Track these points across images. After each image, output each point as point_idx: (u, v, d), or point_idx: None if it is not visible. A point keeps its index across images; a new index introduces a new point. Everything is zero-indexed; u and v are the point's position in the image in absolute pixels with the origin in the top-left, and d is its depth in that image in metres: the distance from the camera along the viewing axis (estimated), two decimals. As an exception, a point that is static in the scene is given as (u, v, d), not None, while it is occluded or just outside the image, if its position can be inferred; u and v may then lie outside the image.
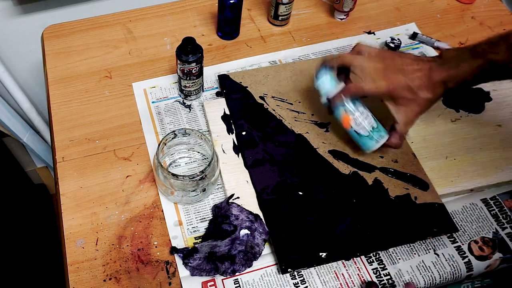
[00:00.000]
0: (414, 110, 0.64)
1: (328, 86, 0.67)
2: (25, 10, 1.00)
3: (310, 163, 0.71)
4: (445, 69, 0.61)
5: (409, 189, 0.69)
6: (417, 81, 0.61)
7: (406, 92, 0.62)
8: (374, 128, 0.67)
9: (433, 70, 0.61)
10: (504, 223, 0.68)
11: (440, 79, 0.61)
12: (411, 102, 0.63)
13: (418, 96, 0.62)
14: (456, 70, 0.60)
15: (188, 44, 0.71)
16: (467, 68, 0.60)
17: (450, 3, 0.97)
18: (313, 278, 0.63)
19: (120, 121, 0.77)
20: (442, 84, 0.61)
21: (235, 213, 0.65)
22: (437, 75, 0.61)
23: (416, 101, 0.63)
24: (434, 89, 0.62)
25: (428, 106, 0.64)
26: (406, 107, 0.63)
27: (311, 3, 0.96)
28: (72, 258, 0.64)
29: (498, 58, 0.58)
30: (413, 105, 0.63)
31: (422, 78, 0.61)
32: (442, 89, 0.62)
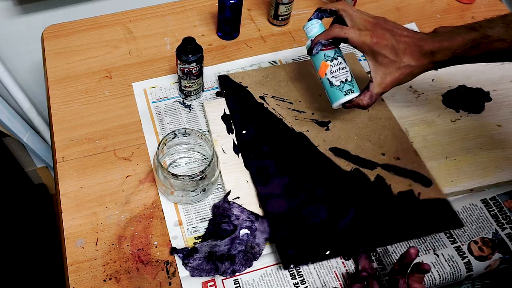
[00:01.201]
0: (393, 74, 0.62)
1: (316, 30, 0.67)
2: (25, 10, 1.00)
3: (311, 160, 0.72)
4: (436, 40, 0.60)
5: (412, 185, 0.69)
6: (403, 44, 0.60)
7: (389, 52, 0.61)
8: (347, 81, 0.66)
9: (424, 40, 0.60)
10: (503, 224, 0.68)
11: (429, 48, 0.60)
12: (392, 64, 0.61)
13: (400, 59, 0.61)
14: (448, 42, 0.59)
15: (188, 44, 0.71)
16: (460, 40, 0.59)
17: (450, 3, 0.97)
18: (313, 278, 0.63)
19: (120, 121, 0.77)
20: (429, 55, 0.60)
21: (236, 213, 0.65)
22: (427, 45, 0.60)
23: (397, 64, 0.61)
24: (420, 57, 0.60)
25: (408, 75, 0.62)
26: (385, 68, 0.62)
27: (311, 3, 0.96)
28: (72, 258, 0.64)
29: (493, 33, 0.57)
30: (393, 68, 0.61)
31: (409, 43, 0.60)
32: (428, 60, 0.61)
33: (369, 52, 0.62)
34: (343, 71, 0.66)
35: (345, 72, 0.66)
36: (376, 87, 0.63)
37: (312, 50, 0.66)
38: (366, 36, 0.61)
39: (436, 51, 0.60)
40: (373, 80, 0.63)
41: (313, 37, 0.66)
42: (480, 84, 0.82)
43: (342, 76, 0.66)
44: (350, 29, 0.62)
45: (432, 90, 0.81)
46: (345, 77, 0.66)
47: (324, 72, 0.66)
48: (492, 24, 0.58)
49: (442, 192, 0.69)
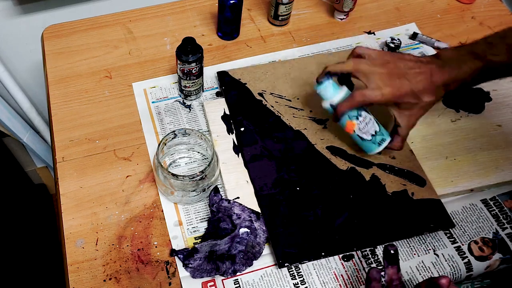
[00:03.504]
0: (417, 113, 0.64)
1: (331, 92, 0.67)
2: (25, 10, 1.00)
3: (308, 159, 0.72)
4: (446, 72, 0.61)
5: (406, 185, 0.69)
6: (421, 85, 0.62)
7: (410, 97, 0.62)
8: (377, 132, 0.67)
9: (434, 73, 0.62)
10: (504, 224, 0.68)
11: (441, 82, 0.62)
12: (414, 106, 0.63)
13: (421, 100, 0.62)
14: (456, 72, 0.61)
15: (188, 44, 0.71)
16: (467, 69, 0.61)
17: (450, 3, 0.97)
18: (313, 279, 0.63)
19: (120, 121, 0.77)
20: (444, 87, 0.62)
21: (237, 212, 0.65)
22: (439, 78, 0.62)
23: (419, 104, 0.63)
24: (436, 92, 0.62)
25: (429, 108, 0.64)
26: (409, 111, 0.64)
27: (311, 3, 0.96)
28: (72, 258, 0.64)
29: (498, 60, 0.59)
30: (416, 109, 0.64)
31: (424, 82, 0.62)
32: (443, 91, 0.63)
33: (392, 104, 0.64)
34: (370, 124, 0.67)
35: (372, 124, 0.67)
36: (404, 130, 0.66)
37: (339, 119, 0.67)
38: (388, 95, 0.62)
39: (448, 83, 0.62)
40: (400, 124, 0.66)
41: (331, 99, 0.67)
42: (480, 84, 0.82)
43: (371, 129, 0.67)
44: (371, 92, 0.63)
45: (432, 90, 0.81)
46: (374, 129, 0.67)
47: (352, 130, 0.68)
48: (495, 50, 0.60)
49: (435, 192, 0.69)
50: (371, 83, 0.63)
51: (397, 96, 0.62)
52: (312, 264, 0.64)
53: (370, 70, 0.63)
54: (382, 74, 0.63)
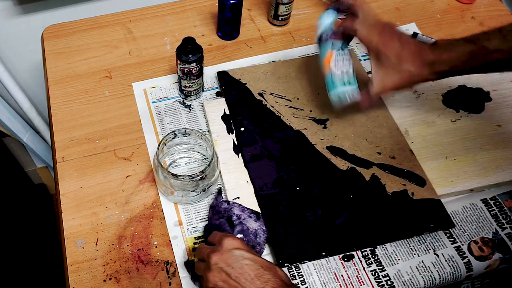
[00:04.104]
0: (393, 77, 0.64)
1: (326, 26, 0.68)
2: (25, 10, 1.00)
3: (308, 159, 0.72)
4: (436, 52, 0.62)
5: (406, 185, 0.69)
6: (407, 51, 0.62)
7: (393, 54, 0.62)
8: (350, 82, 0.67)
9: (425, 50, 0.62)
10: (504, 224, 0.68)
11: (429, 59, 0.62)
12: (393, 67, 0.63)
13: (401, 64, 0.62)
14: (447, 53, 0.61)
15: (188, 44, 0.71)
16: (459, 52, 0.61)
17: (450, 3, 0.97)
18: (313, 279, 0.63)
19: (120, 121, 0.77)
20: (430, 65, 0.62)
21: (237, 212, 0.65)
22: (428, 55, 0.62)
23: (398, 68, 0.63)
24: (420, 66, 0.62)
25: (407, 81, 0.64)
26: (385, 69, 0.64)
27: (311, 3, 0.96)
28: (72, 258, 0.64)
29: (489, 45, 0.59)
30: (393, 71, 0.63)
31: (413, 51, 0.62)
32: (429, 70, 0.62)
33: (374, 50, 0.64)
34: (346, 62, 0.67)
35: (348, 64, 0.67)
36: (375, 87, 0.65)
37: (321, 36, 0.68)
38: (374, 34, 0.63)
39: (436, 62, 0.61)
40: (372, 80, 0.65)
41: (324, 31, 0.68)
42: (480, 84, 0.82)
43: (344, 68, 0.67)
44: (361, 23, 0.64)
45: (432, 90, 0.81)
46: (347, 68, 0.67)
47: (328, 60, 0.68)
48: (489, 36, 0.59)
49: (435, 192, 0.69)
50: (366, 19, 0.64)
51: (381, 44, 0.63)
52: (312, 264, 0.64)
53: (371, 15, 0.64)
54: (379, 23, 0.64)
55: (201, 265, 0.56)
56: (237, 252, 0.53)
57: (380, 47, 0.63)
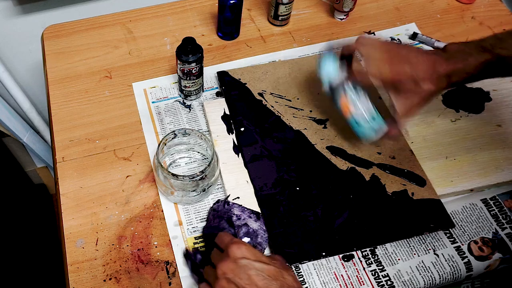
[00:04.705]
0: (415, 101, 0.63)
1: (331, 74, 0.66)
2: (25, 10, 1.00)
3: (308, 159, 0.72)
4: (451, 63, 0.60)
5: (406, 185, 0.69)
6: (421, 72, 0.60)
7: (410, 82, 0.61)
8: (374, 118, 0.66)
9: (438, 63, 0.61)
10: (504, 224, 0.68)
11: (445, 72, 0.60)
12: (413, 93, 0.62)
13: (420, 88, 0.61)
14: (462, 64, 0.60)
15: (188, 44, 0.71)
16: (474, 62, 0.59)
17: (450, 3, 0.97)
18: (313, 279, 0.63)
19: (120, 121, 0.77)
20: (446, 78, 0.61)
21: (236, 213, 0.65)
22: (442, 68, 0.60)
23: (418, 92, 0.62)
24: (438, 82, 0.61)
25: (429, 99, 0.63)
26: (407, 98, 0.63)
27: (311, 3, 0.96)
28: (72, 258, 0.64)
29: (506, 54, 0.58)
30: (415, 97, 0.62)
31: (426, 69, 0.61)
32: (446, 82, 0.61)
33: (389, 83, 0.63)
34: (363, 99, 0.66)
35: (366, 101, 0.66)
36: (402, 117, 0.64)
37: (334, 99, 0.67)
38: (387, 74, 0.61)
39: (452, 73, 0.60)
40: (397, 110, 0.64)
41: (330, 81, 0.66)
42: (480, 84, 0.82)
43: (368, 114, 0.66)
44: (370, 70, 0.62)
45: (432, 90, 0.81)
46: (371, 114, 0.66)
47: (349, 113, 0.67)
48: (504, 44, 0.59)
49: (435, 192, 0.69)
50: (371, 64, 0.62)
51: (396, 78, 0.61)
52: (312, 264, 0.64)
53: (372, 53, 0.63)
54: (383, 58, 0.62)
55: (210, 272, 0.56)
56: (244, 262, 0.53)
57: (395, 82, 0.62)
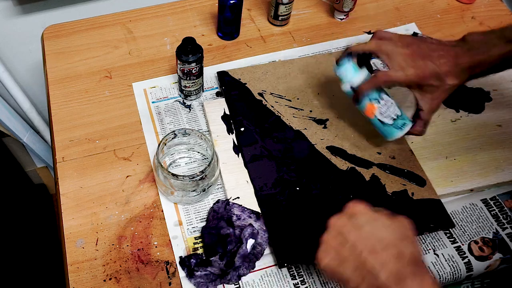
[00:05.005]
0: (439, 96, 0.63)
1: (351, 74, 0.65)
2: (25, 10, 1.00)
3: (308, 159, 0.72)
4: (473, 55, 0.60)
5: (406, 185, 0.69)
6: (444, 67, 0.60)
7: (434, 79, 0.61)
8: (399, 116, 0.66)
9: (460, 56, 0.60)
10: (504, 223, 0.68)
11: (467, 65, 0.60)
12: (437, 89, 0.62)
13: (445, 83, 0.61)
14: (485, 55, 0.59)
15: (188, 44, 0.71)
16: (497, 53, 0.59)
17: (450, 3, 0.97)
18: (313, 279, 0.63)
19: (120, 121, 0.77)
20: (469, 70, 0.60)
21: (236, 213, 0.65)
22: (465, 61, 0.60)
23: (442, 87, 0.61)
24: (461, 75, 0.61)
25: (452, 91, 0.63)
26: (431, 94, 0.62)
27: (311, 3, 0.96)
28: (72, 258, 0.64)
29: None
30: (439, 92, 0.62)
31: (449, 64, 0.60)
32: (468, 74, 0.61)
33: (415, 85, 0.63)
34: (392, 108, 0.66)
35: (394, 108, 0.66)
36: (427, 114, 0.64)
37: (359, 100, 0.66)
38: (412, 75, 0.61)
39: (475, 65, 0.60)
40: (422, 108, 0.64)
41: (351, 81, 0.65)
42: (480, 84, 0.82)
43: (392, 113, 0.66)
44: (395, 72, 0.62)
45: (432, 90, 0.81)
46: (395, 113, 0.66)
47: (373, 114, 0.66)
48: None
49: (435, 192, 0.69)
50: (394, 63, 0.61)
51: (421, 77, 0.61)
52: (312, 264, 0.64)
53: (393, 50, 0.62)
54: (405, 54, 0.61)
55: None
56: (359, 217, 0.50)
57: (420, 81, 0.61)
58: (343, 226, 0.50)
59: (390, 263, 0.45)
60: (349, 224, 0.49)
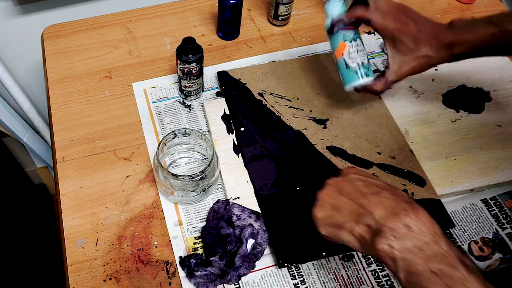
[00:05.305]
0: (410, 62, 0.62)
1: (336, 10, 0.65)
2: (25, 10, 1.00)
3: (308, 159, 0.72)
4: (455, 33, 0.60)
5: (406, 185, 0.69)
6: (424, 34, 0.60)
7: (410, 39, 0.60)
8: (364, 65, 0.66)
9: (442, 31, 0.60)
10: (504, 223, 0.68)
11: (448, 41, 0.60)
12: (410, 52, 0.61)
13: (419, 49, 0.60)
14: (468, 35, 0.59)
15: (188, 44, 0.71)
16: (480, 34, 0.59)
17: (450, 3, 0.97)
18: (313, 279, 0.63)
19: (120, 121, 0.77)
20: (448, 47, 0.60)
21: (236, 213, 0.65)
22: (446, 37, 0.60)
23: (416, 53, 0.61)
24: (438, 49, 0.60)
25: (424, 65, 0.62)
26: (403, 56, 0.62)
27: (311, 3, 0.96)
28: (72, 258, 0.64)
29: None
30: (411, 57, 0.61)
31: (430, 34, 0.60)
32: (447, 53, 0.61)
33: (390, 38, 0.62)
34: (361, 53, 0.65)
35: (363, 55, 0.66)
36: (392, 74, 0.63)
37: (333, 28, 0.65)
38: (389, 21, 0.61)
39: (455, 43, 0.60)
40: (389, 67, 0.63)
41: (334, 15, 0.65)
42: (480, 84, 0.82)
43: (359, 58, 0.65)
44: (374, 11, 0.61)
45: (432, 90, 0.81)
46: (362, 59, 0.65)
47: (341, 53, 0.65)
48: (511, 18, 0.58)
49: (435, 192, 0.69)
50: (378, 7, 0.61)
51: (397, 28, 0.60)
52: (312, 264, 0.64)
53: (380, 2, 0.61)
54: (391, 6, 0.61)
55: None
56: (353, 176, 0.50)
57: (396, 34, 0.61)
58: (338, 183, 0.51)
59: (385, 201, 0.46)
60: (344, 180, 0.51)
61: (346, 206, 0.48)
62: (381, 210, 0.45)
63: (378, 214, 0.45)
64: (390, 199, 0.46)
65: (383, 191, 0.47)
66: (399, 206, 0.45)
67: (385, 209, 0.45)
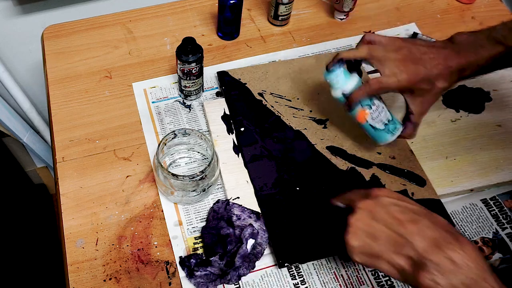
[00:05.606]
0: (429, 100, 0.63)
1: (342, 80, 0.64)
2: (25, 10, 1.00)
3: (308, 159, 0.72)
4: (462, 56, 0.60)
5: (406, 185, 0.69)
6: (435, 70, 0.60)
7: (424, 83, 0.61)
8: (390, 121, 0.66)
9: (449, 58, 0.60)
10: (504, 224, 0.68)
11: (457, 67, 0.60)
12: (428, 92, 0.62)
13: (435, 86, 0.61)
14: (474, 57, 0.59)
15: (188, 44, 0.71)
16: (486, 55, 0.59)
17: (450, 3, 0.97)
18: (313, 279, 0.63)
19: (120, 121, 0.77)
20: (458, 72, 0.61)
21: (236, 213, 0.65)
22: (454, 63, 0.60)
23: (433, 90, 0.62)
24: (451, 77, 0.61)
25: (440, 94, 0.63)
26: (422, 98, 0.62)
27: (311, 3, 0.96)
28: (72, 258, 0.64)
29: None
30: (429, 95, 0.62)
31: (439, 67, 0.60)
32: (457, 76, 0.61)
33: (407, 90, 0.63)
34: (383, 113, 0.66)
35: (385, 113, 0.66)
36: (417, 117, 0.65)
37: (351, 108, 0.65)
38: (404, 81, 0.61)
39: (465, 68, 0.60)
40: (412, 111, 0.64)
41: (342, 88, 0.64)
42: (480, 84, 0.82)
43: (384, 118, 0.66)
44: (387, 78, 0.61)
45: (432, 90, 0.81)
46: (386, 118, 0.66)
47: (363, 119, 0.66)
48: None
49: (435, 192, 0.69)
50: (386, 69, 0.61)
51: (413, 82, 0.61)
52: (312, 264, 0.64)
53: (385, 56, 0.61)
54: (397, 60, 0.61)
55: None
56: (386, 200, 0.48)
57: (412, 86, 0.61)
58: (370, 207, 0.49)
59: (425, 231, 0.44)
60: (377, 204, 0.48)
61: (382, 235, 0.46)
62: (422, 241, 0.43)
63: (420, 246, 0.43)
64: (431, 228, 0.44)
65: (421, 218, 0.45)
66: (442, 237, 0.43)
67: (426, 240, 0.43)
